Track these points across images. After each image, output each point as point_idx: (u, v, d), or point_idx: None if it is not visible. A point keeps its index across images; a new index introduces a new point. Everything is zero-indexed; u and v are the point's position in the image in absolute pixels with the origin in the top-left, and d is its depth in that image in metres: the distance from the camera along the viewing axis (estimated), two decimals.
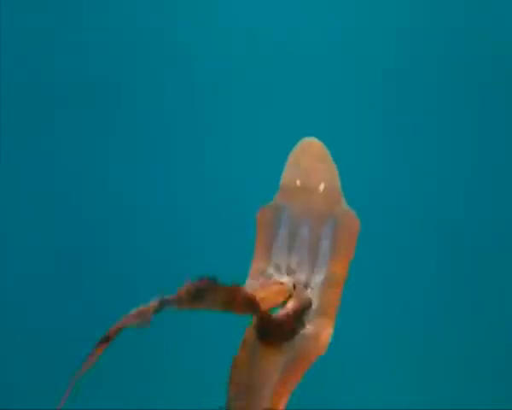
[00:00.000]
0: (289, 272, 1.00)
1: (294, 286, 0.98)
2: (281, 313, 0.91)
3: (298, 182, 1.11)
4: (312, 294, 0.98)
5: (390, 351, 2.88)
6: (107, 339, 0.69)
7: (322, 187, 1.10)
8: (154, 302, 0.70)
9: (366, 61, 3.11)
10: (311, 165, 1.13)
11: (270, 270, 1.00)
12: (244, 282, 0.98)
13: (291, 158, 1.14)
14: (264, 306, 0.87)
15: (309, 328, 0.92)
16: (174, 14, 3.14)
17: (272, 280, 0.98)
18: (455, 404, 2.73)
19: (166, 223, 2.90)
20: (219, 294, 0.73)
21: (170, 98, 3.06)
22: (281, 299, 0.94)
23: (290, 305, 0.93)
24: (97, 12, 3.01)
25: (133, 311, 0.70)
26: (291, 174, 1.12)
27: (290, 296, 0.95)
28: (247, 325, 0.93)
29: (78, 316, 2.78)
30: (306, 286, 0.99)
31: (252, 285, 0.94)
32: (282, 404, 0.82)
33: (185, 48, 3.11)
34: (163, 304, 0.67)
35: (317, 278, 0.99)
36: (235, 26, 3.16)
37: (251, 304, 0.81)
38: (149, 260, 2.81)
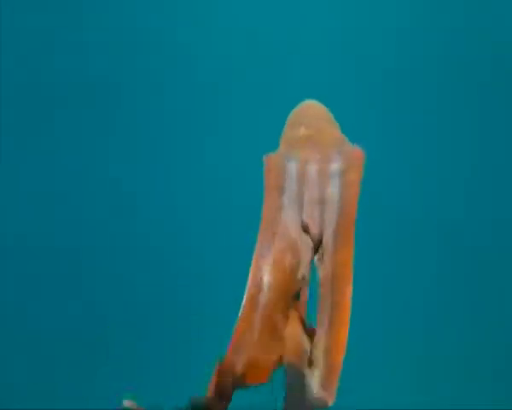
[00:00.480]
0: (302, 226, 0.97)
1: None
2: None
3: (302, 129, 1.10)
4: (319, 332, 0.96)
5: (390, 351, 2.88)
6: None
7: (323, 130, 1.10)
8: None
9: (366, 61, 3.10)
10: (311, 115, 1.13)
11: (283, 215, 0.97)
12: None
13: (291, 115, 1.13)
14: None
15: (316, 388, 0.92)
16: (173, 15, 3.13)
17: (284, 241, 0.95)
18: (455, 404, 2.73)
19: (166, 221, 2.89)
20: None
21: (168, 97, 3.05)
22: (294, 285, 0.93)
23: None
24: (97, 12, 3.01)
25: None
26: (293, 124, 1.12)
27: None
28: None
29: (77, 316, 2.77)
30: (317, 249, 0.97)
31: (261, 265, 0.92)
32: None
33: (184, 48, 3.10)
34: None
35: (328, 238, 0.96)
36: (234, 27, 3.15)
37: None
38: (149, 258, 2.80)
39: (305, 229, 0.96)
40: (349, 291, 0.94)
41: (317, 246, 0.97)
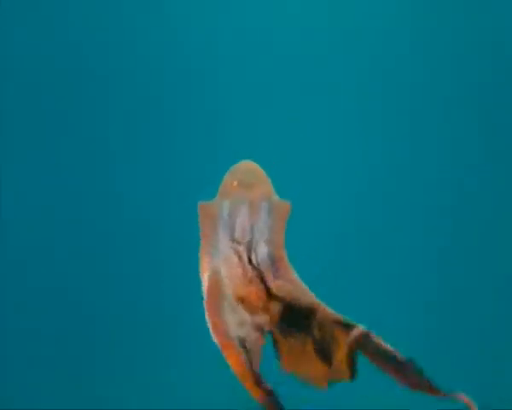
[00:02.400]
0: (236, 242, 1.14)
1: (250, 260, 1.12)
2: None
3: (235, 183, 1.28)
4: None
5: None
6: None
7: (255, 187, 1.28)
8: None
9: (365, 64, 3.10)
10: (244, 172, 1.33)
11: (220, 248, 1.15)
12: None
13: (227, 174, 1.34)
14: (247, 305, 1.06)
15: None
16: (170, 15, 3.12)
17: (231, 259, 1.12)
18: (455, 404, 2.72)
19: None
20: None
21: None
22: (248, 283, 1.09)
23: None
24: (98, 13, 3.00)
25: None
26: (228, 179, 1.32)
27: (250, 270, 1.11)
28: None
29: (77, 316, 2.77)
30: (252, 250, 1.15)
31: (215, 269, 1.09)
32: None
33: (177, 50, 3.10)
34: None
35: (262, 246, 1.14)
36: (233, 27, 3.15)
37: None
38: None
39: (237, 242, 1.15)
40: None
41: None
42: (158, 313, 2.71)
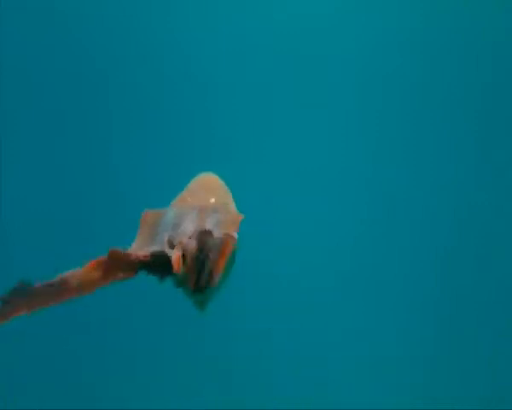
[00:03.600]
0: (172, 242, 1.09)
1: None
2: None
3: (189, 198, 1.25)
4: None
5: (390, 351, 2.88)
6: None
7: (212, 199, 1.23)
8: None
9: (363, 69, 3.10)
10: (201, 186, 1.28)
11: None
12: None
13: (185, 189, 1.29)
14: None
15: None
16: (169, 16, 3.13)
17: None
18: (455, 404, 2.73)
19: None
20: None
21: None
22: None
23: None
24: (98, 12, 3.01)
25: None
26: (183, 194, 1.27)
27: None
28: None
29: (76, 315, 2.77)
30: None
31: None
32: None
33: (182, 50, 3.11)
34: None
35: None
36: (230, 30, 3.16)
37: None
38: None
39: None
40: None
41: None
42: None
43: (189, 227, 1.08)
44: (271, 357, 2.83)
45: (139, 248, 1.07)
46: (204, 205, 1.18)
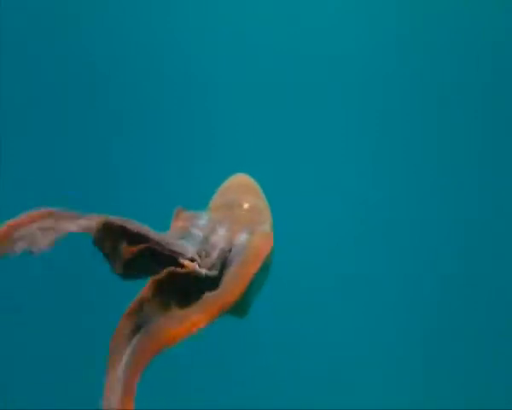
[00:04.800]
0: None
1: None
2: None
3: (221, 203, 1.16)
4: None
5: (390, 352, 2.88)
6: None
7: (246, 206, 1.15)
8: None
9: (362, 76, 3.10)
10: (237, 191, 1.20)
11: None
12: None
13: (220, 188, 1.21)
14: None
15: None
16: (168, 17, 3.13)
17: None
18: (455, 404, 2.73)
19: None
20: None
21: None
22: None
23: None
24: (98, 12, 3.01)
25: None
26: (216, 199, 1.19)
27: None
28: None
29: (76, 316, 2.77)
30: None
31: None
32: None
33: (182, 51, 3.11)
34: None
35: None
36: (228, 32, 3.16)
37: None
38: None
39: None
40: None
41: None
42: None
43: (220, 243, 1.02)
44: (272, 357, 2.83)
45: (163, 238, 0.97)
46: (237, 216, 1.11)
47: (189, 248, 0.97)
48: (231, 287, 0.95)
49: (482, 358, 2.82)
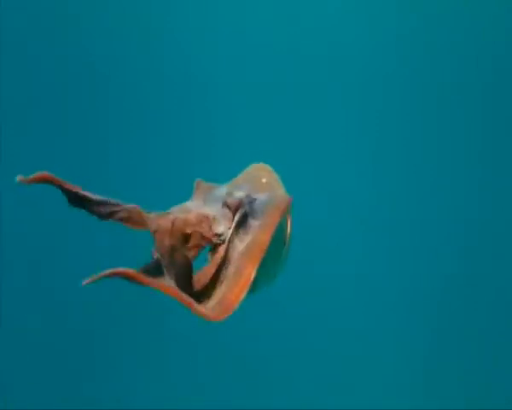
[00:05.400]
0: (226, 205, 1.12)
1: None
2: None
3: (241, 179, 1.30)
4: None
5: (390, 352, 2.88)
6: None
7: (264, 180, 1.30)
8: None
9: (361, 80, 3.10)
10: (256, 173, 1.34)
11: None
12: None
13: (241, 172, 1.35)
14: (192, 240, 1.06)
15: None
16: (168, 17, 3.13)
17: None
18: (455, 404, 2.73)
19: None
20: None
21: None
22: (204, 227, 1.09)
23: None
24: (98, 12, 3.01)
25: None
26: (237, 177, 1.33)
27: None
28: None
29: (76, 316, 2.78)
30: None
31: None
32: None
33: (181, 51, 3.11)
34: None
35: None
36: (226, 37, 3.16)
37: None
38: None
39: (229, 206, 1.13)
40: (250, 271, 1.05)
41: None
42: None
43: (242, 195, 1.13)
44: (271, 357, 2.83)
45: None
46: (257, 185, 1.25)
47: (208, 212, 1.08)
48: (263, 230, 1.07)
49: (482, 358, 2.82)
